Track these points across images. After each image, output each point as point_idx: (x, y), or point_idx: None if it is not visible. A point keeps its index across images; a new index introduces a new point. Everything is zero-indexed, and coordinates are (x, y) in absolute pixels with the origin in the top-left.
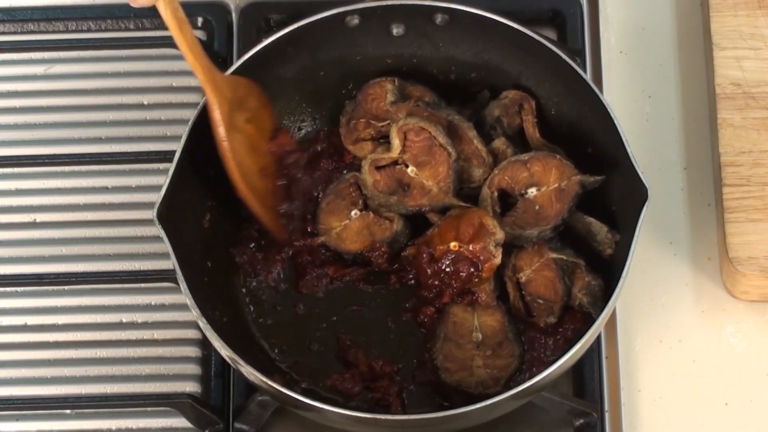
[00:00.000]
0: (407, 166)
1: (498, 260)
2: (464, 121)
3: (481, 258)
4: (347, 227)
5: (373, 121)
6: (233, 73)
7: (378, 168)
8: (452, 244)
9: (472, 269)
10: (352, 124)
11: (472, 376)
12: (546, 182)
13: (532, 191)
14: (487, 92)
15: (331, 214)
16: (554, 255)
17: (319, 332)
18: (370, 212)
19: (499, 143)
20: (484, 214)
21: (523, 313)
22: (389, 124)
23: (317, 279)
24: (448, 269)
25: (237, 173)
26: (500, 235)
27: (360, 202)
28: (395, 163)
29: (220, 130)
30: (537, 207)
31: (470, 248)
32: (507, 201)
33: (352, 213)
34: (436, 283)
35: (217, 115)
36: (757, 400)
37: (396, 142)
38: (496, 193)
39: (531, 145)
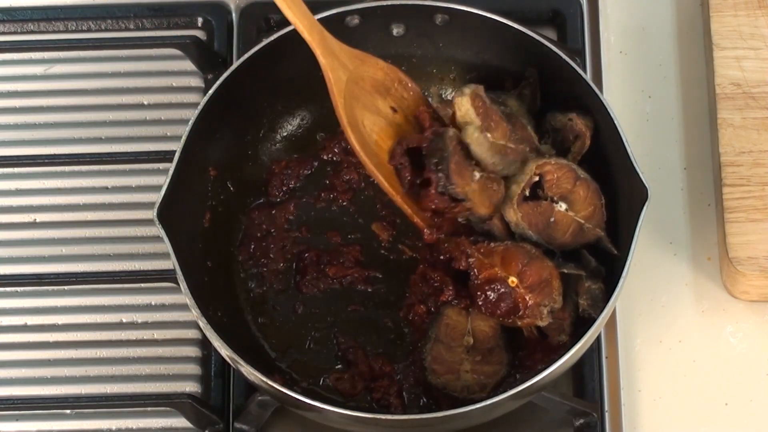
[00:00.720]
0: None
1: (543, 323)
2: (522, 113)
3: (528, 312)
4: (475, 190)
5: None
6: (233, 72)
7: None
8: (511, 279)
9: (512, 313)
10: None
11: (458, 380)
12: (577, 210)
13: (562, 205)
14: (534, 70)
15: (460, 176)
16: (558, 270)
17: (319, 332)
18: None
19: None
20: (556, 273)
21: (536, 335)
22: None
23: (317, 279)
24: (490, 295)
25: (357, 144)
26: (559, 304)
27: (473, 161)
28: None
29: (336, 97)
30: (552, 220)
31: (527, 296)
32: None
33: (475, 174)
34: (462, 294)
35: (331, 77)
36: (757, 400)
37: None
38: (536, 178)
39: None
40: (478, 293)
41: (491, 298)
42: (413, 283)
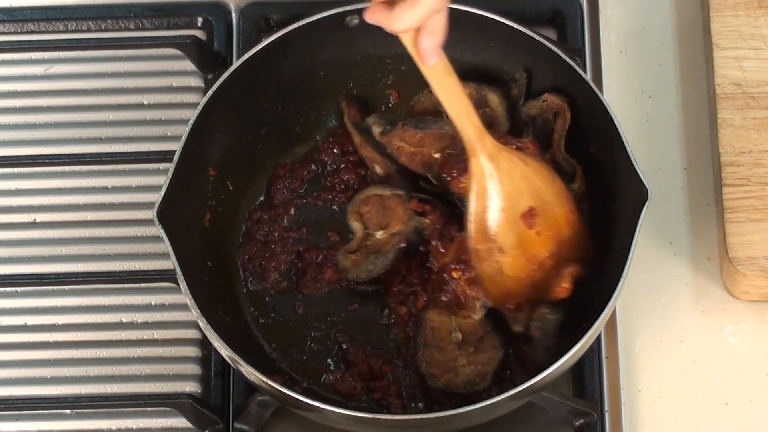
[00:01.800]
0: None
1: (476, 317)
2: (501, 112)
3: (465, 304)
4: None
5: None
6: (233, 72)
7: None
8: (456, 273)
9: (452, 303)
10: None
11: (458, 376)
12: None
13: None
14: (524, 74)
15: None
16: None
17: (319, 332)
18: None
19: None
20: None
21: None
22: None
23: (317, 279)
24: (435, 278)
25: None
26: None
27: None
28: None
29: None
30: None
31: (466, 289)
32: None
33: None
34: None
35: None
36: (757, 400)
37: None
38: None
39: (552, 154)
40: (430, 284)
41: (434, 283)
42: (391, 285)
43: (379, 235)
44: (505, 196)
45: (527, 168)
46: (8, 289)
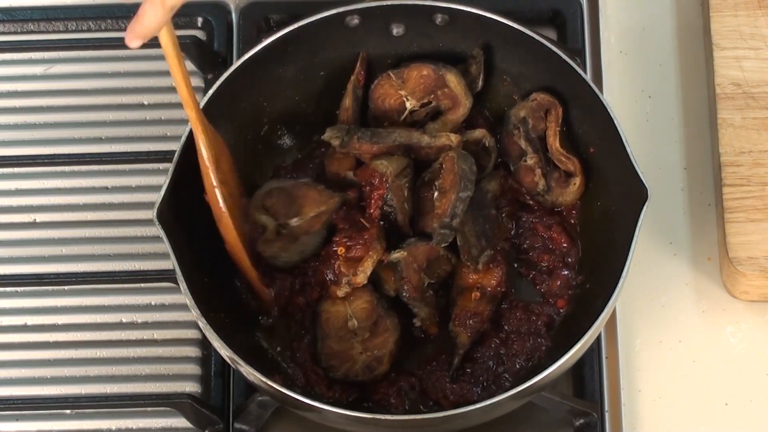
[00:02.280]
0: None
1: (340, 294)
2: (460, 90)
3: (338, 281)
4: None
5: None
6: (233, 72)
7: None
8: (340, 249)
9: (330, 277)
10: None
11: (355, 364)
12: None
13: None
14: (481, 51)
15: None
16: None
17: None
18: None
19: (532, 162)
20: (375, 255)
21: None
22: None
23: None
24: (323, 254)
25: (229, 223)
26: (359, 280)
27: None
28: None
29: (211, 174)
30: (431, 207)
31: (342, 267)
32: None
33: None
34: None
35: (208, 156)
36: (757, 400)
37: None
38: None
39: (549, 152)
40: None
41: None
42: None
43: (294, 222)
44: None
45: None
46: (8, 289)
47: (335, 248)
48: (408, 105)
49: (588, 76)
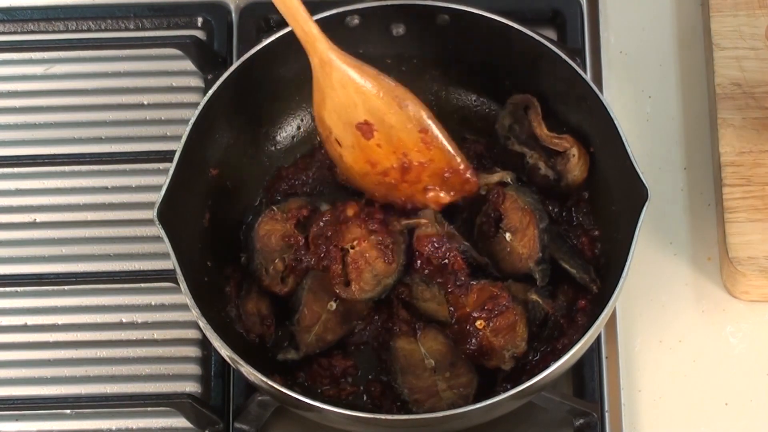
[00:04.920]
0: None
1: (506, 368)
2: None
3: (494, 356)
4: None
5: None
6: (233, 72)
7: None
8: (479, 322)
9: (479, 354)
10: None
11: (441, 400)
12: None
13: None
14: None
15: None
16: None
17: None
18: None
19: (533, 160)
20: (523, 318)
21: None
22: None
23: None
24: (456, 329)
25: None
26: (522, 349)
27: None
28: None
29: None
30: (508, 249)
31: (492, 339)
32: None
33: None
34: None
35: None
36: (757, 400)
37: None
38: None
39: (542, 141)
40: (456, 331)
41: (460, 340)
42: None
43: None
44: (336, 101)
45: (365, 86)
46: (8, 289)
47: (476, 324)
48: None
49: (588, 76)
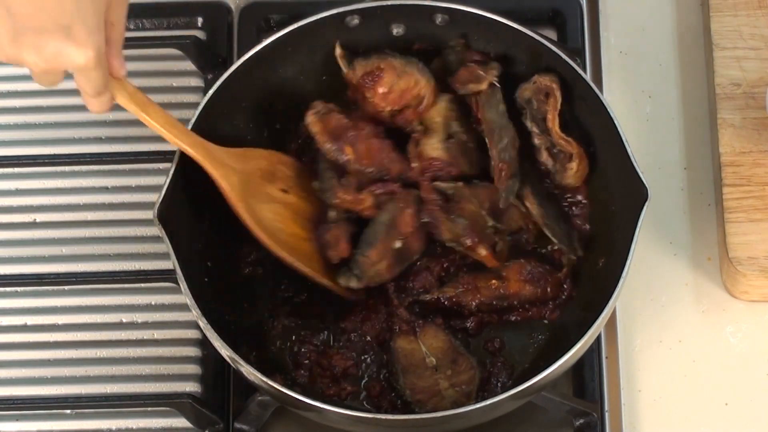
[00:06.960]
0: None
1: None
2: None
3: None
4: None
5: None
6: (233, 72)
7: None
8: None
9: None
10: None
11: (444, 399)
12: None
13: None
14: (461, 40)
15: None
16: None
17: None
18: None
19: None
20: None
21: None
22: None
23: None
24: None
25: (269, 241)
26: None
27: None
28: None
29: (236, 203)
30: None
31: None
32: None
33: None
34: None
35: (225, 186)
36: (757, 400)
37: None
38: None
39: (550, 136)
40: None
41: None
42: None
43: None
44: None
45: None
46: (8, 289)
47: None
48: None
49: (588, 76)
